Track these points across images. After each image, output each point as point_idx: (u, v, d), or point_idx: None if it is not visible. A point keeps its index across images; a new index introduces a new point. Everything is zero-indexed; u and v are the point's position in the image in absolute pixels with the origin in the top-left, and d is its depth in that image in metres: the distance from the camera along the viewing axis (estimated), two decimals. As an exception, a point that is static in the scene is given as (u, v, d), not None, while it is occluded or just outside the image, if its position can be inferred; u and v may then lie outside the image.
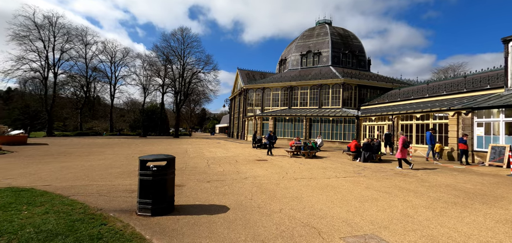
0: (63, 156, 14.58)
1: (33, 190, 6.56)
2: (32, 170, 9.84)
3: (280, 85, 33.05)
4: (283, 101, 33.06)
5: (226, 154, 16.70)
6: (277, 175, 9.35)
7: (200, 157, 14.63)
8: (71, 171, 9.56)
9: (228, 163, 12.37)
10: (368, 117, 23.33)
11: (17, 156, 14.27)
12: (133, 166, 11.00)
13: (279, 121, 29.01)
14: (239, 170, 10.19)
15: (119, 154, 15.83)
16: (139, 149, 19.50)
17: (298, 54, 39.34)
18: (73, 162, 11.91)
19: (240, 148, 21.95)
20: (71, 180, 8.04)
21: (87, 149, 18.54)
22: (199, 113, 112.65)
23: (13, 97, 62.68)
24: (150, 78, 47.36)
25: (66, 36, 41.05)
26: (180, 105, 44.53)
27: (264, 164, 12.05)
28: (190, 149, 19.83)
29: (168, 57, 41.59)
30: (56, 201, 5.52)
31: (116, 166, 10.97)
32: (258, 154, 17.04)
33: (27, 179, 8.19)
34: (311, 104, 30.63)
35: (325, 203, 5.82)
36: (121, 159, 13.13)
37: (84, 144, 23.77)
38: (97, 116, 55.53)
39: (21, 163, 11.66)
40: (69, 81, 47.01)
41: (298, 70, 37.59)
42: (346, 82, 28.90)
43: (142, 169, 4.78)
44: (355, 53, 38.29)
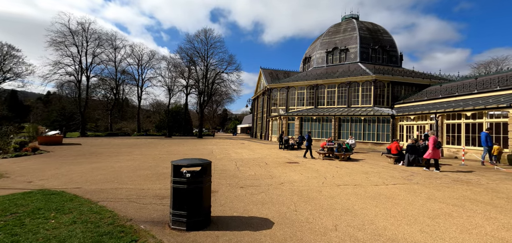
0: (94, 156, 14.80)
1: (64, 193, 6.28)
2: (64, 170, 9.84)
3: (305, 84, 31.80)
4: (308, 101, 31.78)
5: (253, 155, 16.01)
6: (315, 180, 8.41)
7: (227, 159, 14.07)
8: (101, 172, 9.39)
9: (257, 165, 11.64)
10: (406, 117, 21.40)
11: (52, 156, 14.71)
12: (161, 167, 10.66)
13: (305, 121, 27.81)
14: (271, 174, 9.39)
15: (147, 154, 15.78)
16: (165, 149, 19.49)
17: (324, 52, 37.73)
18: (103, 163, 11.89)
19: (266, 149, 21.18)
20: (100, 182, 7.77)
21: (116, 149, 18.85)
22: (220, 114, 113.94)
23: (52, 100, 67.37)
24: (174, 79, 48.38)
25: (97, 41, 43.17)
26: (203, 106, 44.83)
27: (297, 167, 11.14)
28: (216, 150, 19.43)
29: (192, 58, 42.11)
30: (84, 207, 5.11)
31: (144, 167, 10.70)
32: (287, 155, 16.14)
33: (59, 180, 8.07)
34: (339, 103, 29.04)
35: (387, 218, 4.83)
36: (148, 160, 12.94)
37: (113, 144, 24.42)
38: (126, 117, 57.88)
39: (55, 163, 11.85)
40: (100, 84, 49.42)
41: (323, 68, 36.03)
42: (378, 79, 26.97)
43: (175, 176, 4.15)
44: (386, 49, 35.86)
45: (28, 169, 10.14)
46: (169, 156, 15.14)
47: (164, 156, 14.83)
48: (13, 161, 12.57)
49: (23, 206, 5.16)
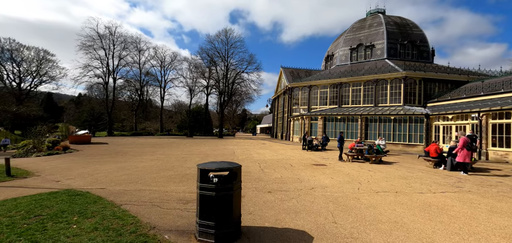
0: (119, 155, 15.04)
1: (88, 194, 6.13)
2: (91, 170, 9.91)
3: (328, 82, 30.58)
4: (332, 100, 30.52)
5: (276, 156, 15.41)
6: (349, 185, 7.65)
7: (250, 160, 13.61)
8: (125, 172, 9.32)
9: (282, 167, 11.03)
10: (442, 116, 19.65)
11: (80, 155, 15.16)
12: (184, 168, 10.42)
13: (329, 121, 26.68)
14: (299, 177, 8.75)
15: (170, 154, 15.78)
16: (187, 149, 19.49)
17: (347, 48, 36.14)
18: (127, 163, 11.94)
19: (289, 149, 20.47)
20: (124, 183, 7.61)
21: (140, 149, 19.16)
22: (240, 114, 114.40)
23: (82, 102, 71.50)
24: (195, 80, 49.05)
25: (123, 44, 44.94)
26: (224, 106, 44.95)
27: (326, 170, 10.38)
28: (237, 150, 19.08)
29: (212, 59, 42.34)
30: (107, 211, 4.84)
31: (167, 168, 10.53)
32: (311, 157, 15.35)
33: (85, 180, 8.04)
34: (365, 102, 27.52)
35: (449, 236, 4.03)
36: (171, 161, 12.83)
37: (138, 143, 25.01)
38: (149, 117, 59.82)
39: (82, 162, 12.10)
40: (126, 85, 51.42)
41: (347, 66, 34.49)
42: (409, 76, 25.15)
43: (202, 181, 3.70)
44: (416, 44, 33.52)
45: (57, 168, 10.37)
46: (191, 156, 14.99)
47: (186, 156, 14.71)
48: (45, 159, 13.06)
49: (47, 208, 5.01)
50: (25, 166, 10.78)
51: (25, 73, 49.77)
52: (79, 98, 78.88)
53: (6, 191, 6.64)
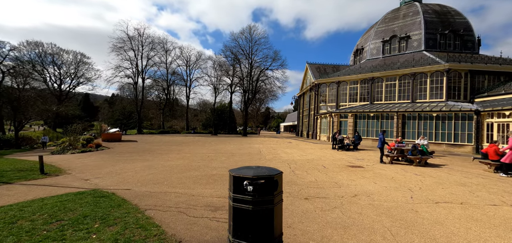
0: (147, 153, 15.12)
1: (113, 196, 5.81)
2: (119, 168, 9.84)
3: (358, 78, 28.68)
4: (362, 96, 28.60)
5: (305, 156, 14.48)
6: (398, 192, 6.57)
7: (278, 160, 12.84)
8: (151, 172, 9.07)
9: (315, 169, 10.12)
10: (497, 112, 17.23)
11: (110, 153, 15.50)
12: (210, 168, 9.96)
13: (360, 118, 24.93)
14: (336, 181, 7.81)
15: (195, 153, 15.55)
16: (212, 147, 19.24)
17: (379, 41, 33.71)
18: (154, 161, 11.81)
19: (317, 149, 19.35)
20: (150, 183, 7.27)
21: (167, 147, 19.29)
22: (263, 112, 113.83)
23: (115, 101, 75.76)
24: (220, 78, 49.34)
25: (151, 44, 46.53)
26: (248, 104, 44.57)
27: (365, 173, 9.28)
28: (263, 149, 18.41)
29: (236, 56, 42.13)
30: (130, 218, 4.39)
31: (193, 167, 10.15)
32: (344, 157, 14.18)
33: (112, 179, 7.87)
34: (401, 97, 25.32)
35: None
36: (197, 159, 12.49)
37: (165, 141, 25.43)
38: (176, 116, 61.56)
39: (111, 160, 12.21)
40: (154, 85, 53.28)
41: (379, 60, 32.15)
42: (453, 68, 22.58)
43: (236, 191, 3.03)
44: (459, 33, 30.20)
45: (87, 166, 10.48)
46: (217, 155, 14.61)
47: (212, 155, 14.35)
48: (78, 157, 13.46)
49: (70, 212, 4.70)
50: (59, 163, 11.08)
51: (64, 75, 53.74)
52: (112, 98, 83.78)
53: (37, 189, 6.59)
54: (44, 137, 21.76)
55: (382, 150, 12.09)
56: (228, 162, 11.65)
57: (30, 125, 62.07)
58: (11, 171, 9.09)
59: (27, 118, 29.88)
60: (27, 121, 30.73)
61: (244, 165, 10.81)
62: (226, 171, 9.29)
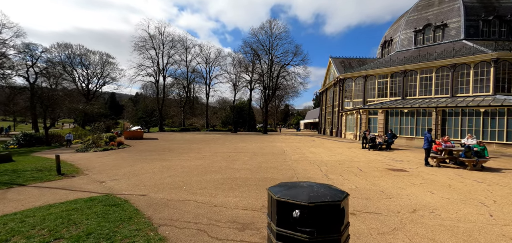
0: (166, 152, 14.64)
1: (125, 205, 5.08)
2: (137, 169, 9.28)
3: (388, 71, 26.48)
4: (393, 91, 26.39)
5: (334, 156, 13.18)
6: (470, 207, 5.21)
7: (305, 160, 11.70)
8: (170, 174, 8.37)
9: (350, 172, 8.88)
10: None
11: (131, 151, 15.22)
12: (233, 170, 9.08)
13: (392, 115, 22.87)
14: (382, 189, 6.57)
15: (216, 152, 14.83)
16: (233, 146, 18.47)
17: (411, 31, 31.02)
18: (173, 161, 11.19)
19: (345, 148, 17.88)
20: (168, 188, 6.52)
21: (187, 145, 18.83)
22: (282, 109, 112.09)
23: (139, 100, 78.22)
24: (239, 75, 48.68)
25: (171, 43, 46.88)
26: (268, 101, 43.41)
27: (413, 179, 7.90)
28: (287, 148, 17.30)
29: (256, 52, 41.00)
30: (140, 238, 3.57)
31: (214, 169, 9.34)
32: (379, 158, 12.69)
33: (129, 182, 7.23)
34: (439, 91, 22.90)
35: None
36: (218, 160, 11.70)
37: (185, 139, 25.15)
38: (196, 113, 62.06)
39: (130, 159, 11.78)
40: (174, 83, 53.90)
41: (411, 51, 29.54)
42: (502, 58, 19.89)
43: (281, 223, 2.03)
44: (505, 19, 26.79)
45: (106, 165, 10.06)
46: (238, 154, 13.76)
47: (233, 155, 13.52)
48: (99, 155, 13.25)
49: (74, 226, 3.99)
50: (78, 163, 10.80)
51: (91, 75, 56.07)
52: (136, 97, 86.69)
53: (48, 193, 6.08)
54: (68, 135, 22.25)
55: (428, 151, 10.47)
56: (251, 163, 10.72)
57: (62, 123, 65.84)
58: (30, 170, 8.84)
59: (56, 116, 31.18)
60: (56, 119, 32.07)
61: (268, 165, 9.83)
62: (251, 174, 8.36)
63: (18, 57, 39.19)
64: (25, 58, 39.03)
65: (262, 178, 7.78)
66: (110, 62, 56.36)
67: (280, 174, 8.42)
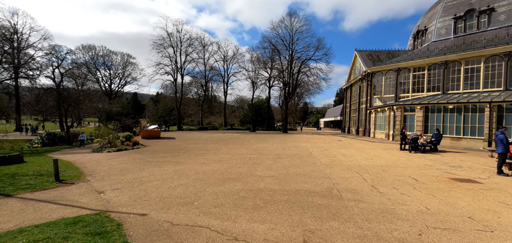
0: (181, 153, 13.47)
1: (114, 235, 3.72)
2: (145, 174, 8.05)
3: (425, 63, 23.63)
4: (431, 85, 23.53)
5: (371, 159, 11.24)
6: None
7: (339, 165, 9.91)
8: (182, 182, 7.03)
9: (404, 183, 7.01)
10: None
11: (144, 152, 14.22)
12: (255, 178, 7.55)
13: (432, 112, 20.13)
14: (467, 212, 4.70)
15: (235, 153, 13.42)
16: (253, 147, 16.99)
17: (449, 18, 27.69)
18: (187, 164, 9.89)
19: (380, 149, 15.73)
20: (176, 203, 5.13)
21: (204, 145, 17.64)
22: (301, 108, 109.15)
23: (159, 99, 79.52)
24: (258, 72, 47.20)
25: (189, 40, 46.44)
26: (288, 98, 41.42)
27: (497, 194, 5.90)
28: (313, 150, 15.51)
29: (276, 47, 39.11)
30: None
31: (233, 175, 7.88)
32: (428, 163, 10.56)
33: (132, 192, 5.95)
34: (488, 84, 19.85)
35: None
36: (237, 164, 10.25)
37: (202, 138, 24.11)
38: (214, 112, 61.59)
39: (141, 162, 10.66)
40: (193, 82, 53.62)
41: (451, 40, 26.32)
42: None
43: None
44: None
45: (113, 169, 8.97)
46: (259, 157, 12.23)
47: (254, 157, 12.02)
48: (110, 157, 12.32)
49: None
50: (85, 165, 9.84)
51: (113, 76, 57.36)
52: (157, 97, 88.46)
53: (30, 209, 4.91)
54: (82, 135, 21.94)
55: (504, 157, 8.21)
56: (276, 168, 9.14)
57: (87, 121, 68.39)
58: (30, 176, 7.92)
59: (76, 116, 31.58)
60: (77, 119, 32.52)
61: (297, 172, 8.20)
62: (278, 184, 6.79)
63: (45, 59, 40.71)
64: (51, 59, 40.41)
65: (293, 191, 6.18)
66: (131, 63, 57.30)
67: (315, 185, 6.77)
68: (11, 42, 35.70)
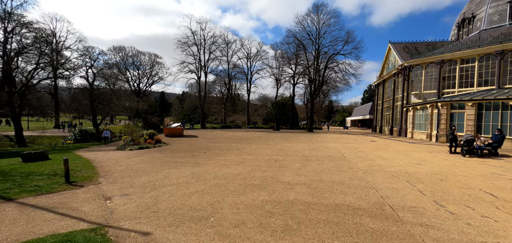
0: (202, 152, 12.71)
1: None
2: (160, 177, 7.28)
3: (476, 53, 20.61)
4: (483, 78, 20.50)
5: (419, 165, 9.49)
6: None
7: (381, 171, 8.38)
8: (198, 188, 6.11)
9: (480, 200, 5.41)
10: None
11: (165, 150, 13.71)
12: (283, 186, 6.40)
13: (487, 109, 17.30)
14: None
15: (258, 154, 12.36)
16: (278, 147, 15.81)
17: (505, 2, 24.07)
18: (206, 166, 9.02)
19: (425, 152, 13.68)
20: (187, 219, 4.17)
21: (226, 144, 16.83)
22: (326, 106, 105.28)
23: (185, 98, 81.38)
24: (282, 69, 45.71)
25: (212, 38, 46.32)
26: (314, 96, 39.40)
27: None
28: (345, 151, 13.93)
29: (301, 42, 37.28)
30: None
31: (257, 181, 6.80)
32: (494, 170, 8.60)
33: (141, 200, 5.12)
34: (560, 77, 16.60)
35: None
36: (262, 166, 9.16)
37: (225, 137, 23.43)
38: (237, 110, 61.25)
39: (159, 162, 10.00)
40: (216, 80, 53.65)
41: (506, 27, 22.82)
42: None
43: None
44: None
45: (129, 170, 8.35)
46: (286, 158, 11.03)
47: (280, 158, 10.85)
48: (129, 155, 11.90)
49: None
50: (102, 165, 9.38)
51: (142, 75, 59.42)
52: (183, 96, 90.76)
53: (23, 219, 4.25)
54: (105, 132, 22.23)
55: None
56: (306, 173, 7.90)
57: (119, 119, 71.99)
58: (43, 175, 7.55)
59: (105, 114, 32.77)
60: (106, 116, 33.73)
61: (332, 178, 6.90)
62: (311, 195, 5.57)
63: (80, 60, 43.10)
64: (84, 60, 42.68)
65: (332, 205, 4.93)
66: (158, 62, 58.90)
67: (358, 198, 5.44)
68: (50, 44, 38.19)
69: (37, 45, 25.17)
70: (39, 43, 25.49)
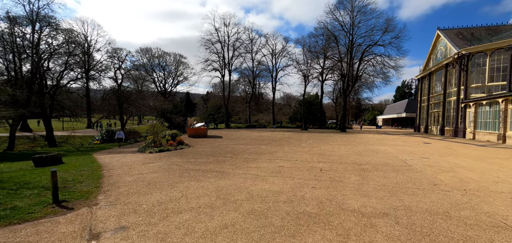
0: (229, 157, 10.82)
1: None
2: (175, 195, 5.42)
3: None
4: None
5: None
6: None
7: (485, 190, 5.80)
8: (225, 220, 4.12)
9: None
10: None
11: (186, 154, 12.04)
12: (351, 216, 4.17)
13: None
14: None
15: (295, 159, 10.17)
16: (315, 150, 13.47)
17: None
18: (235, 178, 7.04)
19: (504, 158, 10.51)
20: None
21: (254, 147, 14.85)
22: (354, 104, 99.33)
23: (209, 98, 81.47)
24: (309, 64, 42.81)
25: (236, 34, 44.84)
26: (348, 92, 35.93)
27: None
28: (403, 156, 11.20)
29: (332, 33, 34.05)
30: None
31: (309, 208, 4.64)
32: None
33: (154, 233, 3.26)
34: None
35: None
36: (306, 178, 6.98)
37: (251, 137, 21.52)
38: (261, 110, 59.38)
39: (178, 170, 8.22)
40: (240, 79, 52.23)
41: None
42: None
43: None
44: None
45: (138, 182, 6.63)
46: (331, 165, 8.71)
47: (325, 167, 8.56)
48: (145, 160, 10.32)
49: None
50: (111, 173, 7.81)
51: (167, 76, 59.95)
52: (207, 96, 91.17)
53: None
54: (119, 133, 21.25)
55: None
56: (374, 193, 5.58)
57: (147, 119, 73.90)
58: (33, 189, 6.13)
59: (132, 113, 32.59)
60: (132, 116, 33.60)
61: (422, 205, 4.54)
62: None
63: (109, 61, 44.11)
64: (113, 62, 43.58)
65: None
66: (182, 62, 59.01)
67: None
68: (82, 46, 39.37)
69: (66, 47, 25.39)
70: (68, 44, 25.73)
